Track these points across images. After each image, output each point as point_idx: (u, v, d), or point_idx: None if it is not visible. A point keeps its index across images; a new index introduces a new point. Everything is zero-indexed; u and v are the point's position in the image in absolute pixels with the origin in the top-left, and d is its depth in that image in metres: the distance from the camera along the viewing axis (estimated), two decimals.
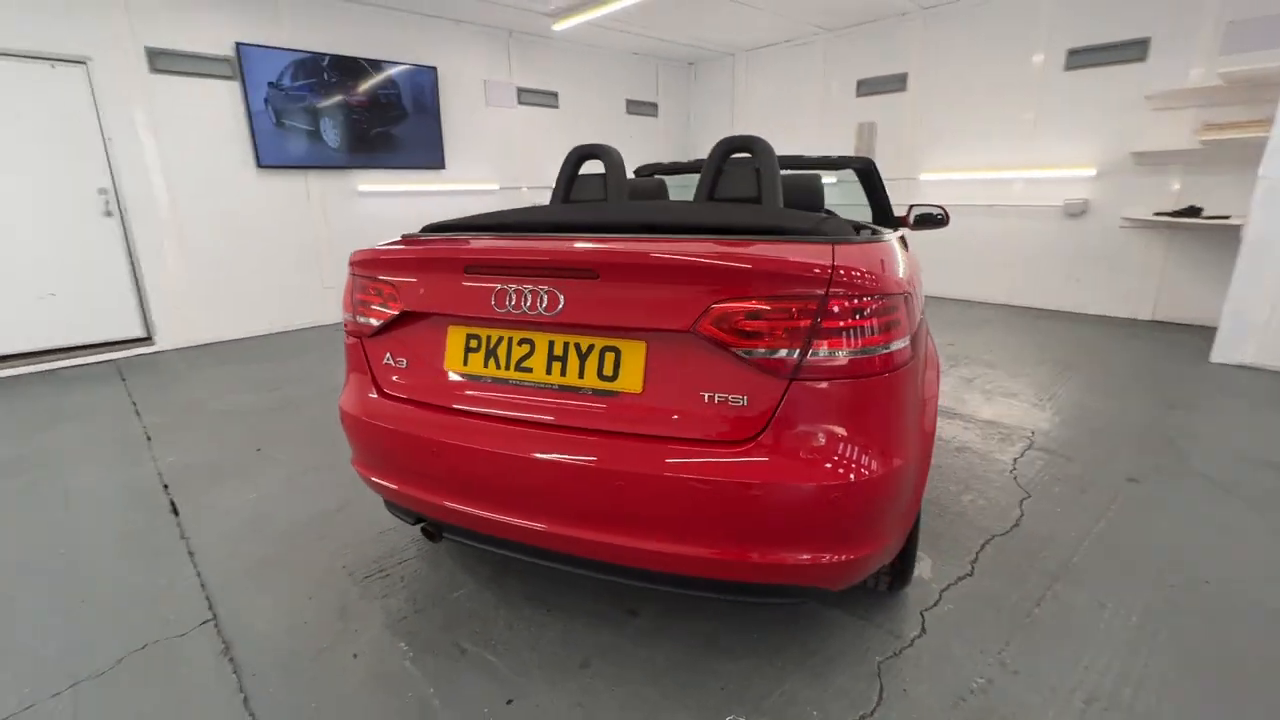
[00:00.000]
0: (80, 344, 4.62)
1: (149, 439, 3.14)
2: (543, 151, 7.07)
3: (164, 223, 4.82)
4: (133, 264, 4.75)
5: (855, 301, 1.21)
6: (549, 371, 1.38)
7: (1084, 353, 4.35)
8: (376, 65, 5.61)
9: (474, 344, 1.46)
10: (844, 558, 1.29)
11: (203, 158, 4.92)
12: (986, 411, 3.26)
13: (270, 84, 5.07)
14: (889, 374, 1.27)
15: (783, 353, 1.21)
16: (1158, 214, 5.00)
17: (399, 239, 1.69)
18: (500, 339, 1.43)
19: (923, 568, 1.94)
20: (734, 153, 2.02)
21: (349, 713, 1.45)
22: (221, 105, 4.93)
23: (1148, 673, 1.51)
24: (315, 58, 5.26)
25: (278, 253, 5.42)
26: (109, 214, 4.59)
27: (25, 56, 4.14)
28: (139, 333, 4.86)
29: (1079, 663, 1.55)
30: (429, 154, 6.14)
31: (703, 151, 8.56)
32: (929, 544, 2.07)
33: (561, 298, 1.32)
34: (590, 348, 1.34)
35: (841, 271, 1.20)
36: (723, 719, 1.41)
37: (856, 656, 1.58)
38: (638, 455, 1.28)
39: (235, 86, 4.96)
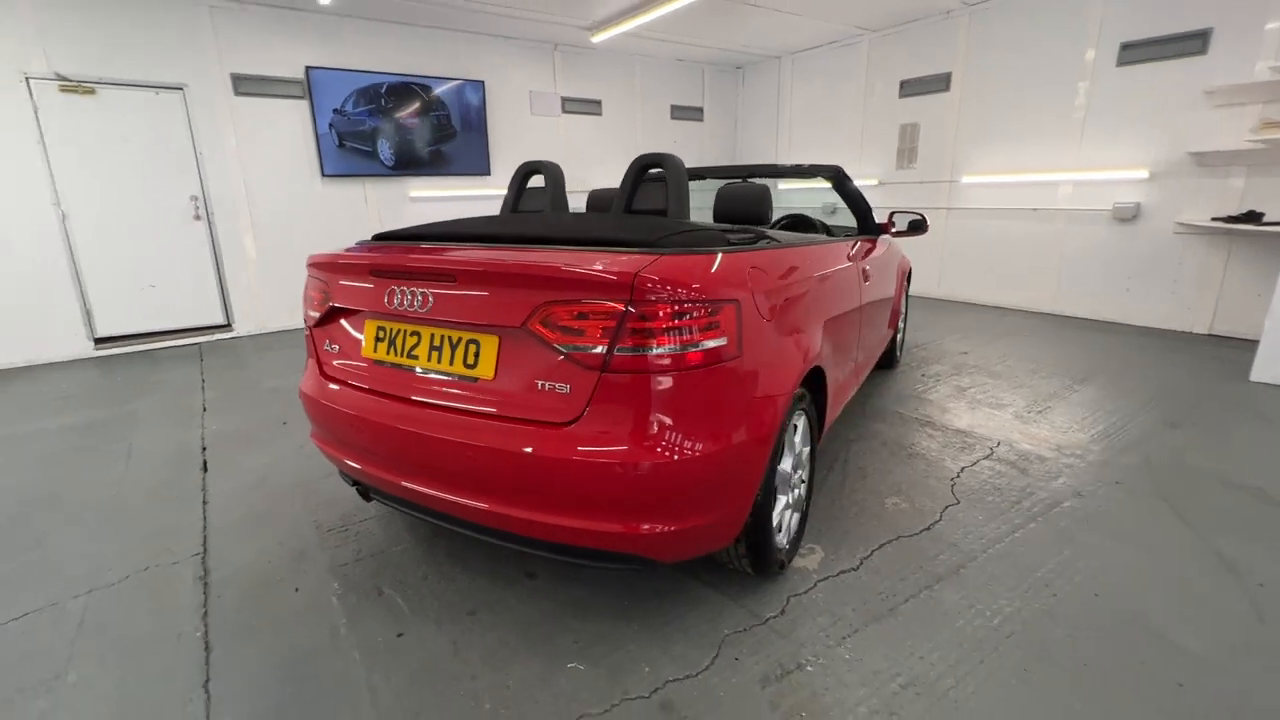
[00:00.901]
0: (172, 329, 5.41)
1: (204, 410, 3.72)
2: (585, 157, 7.41)
3: (242, 225, 5.55)
4: (217, 261, 5.51)
5: (658, 307, 1.39)
6: (429, 359, 1.65)
7: (1112, 366, 4.12)
8: (428, 89, 6.14)
9: (381, 334, 1.75)
10: (659, 529, 1.47)
11: (275, 168, 5.61)
12: (963, 421, 3.22)
13: (335, 110, 5.71)
14: (697, 370, 1.43)
15: (594, 349, 1.41)
16: (1216, 219, 4.61)
17: (354, 245, 2.03)
18: (398, 331, 1.71)
19: (811, 559, 2.05)
20: (649, 169, 2.20)
21: (277, 629, 1.79)
22: (292, 122, 5.61)
23: (980, 669, 1.57)
24: (374, 86, 5.85)
25: None
26: (198, 217, 5.35)
27: (136, 85, 4.93)
28: (220, 320, 5.63)
29: (914, 654, 1.63)
30: (475, 162, 6.63)
31: (750, 156, 8.62)
32: (832, 539, 2.16)
33: (431, 298, 1.58)
34: (459, 340, 1.59)
35: (645, 281, 1.38)
36: (564, 666, 1.62)
37: (707, 629, 1.74)
38: (488, 432, 1.52)
39: (304, 105, 5.62)
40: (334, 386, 1.87)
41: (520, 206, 2.52)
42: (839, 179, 3.01)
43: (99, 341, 5.11)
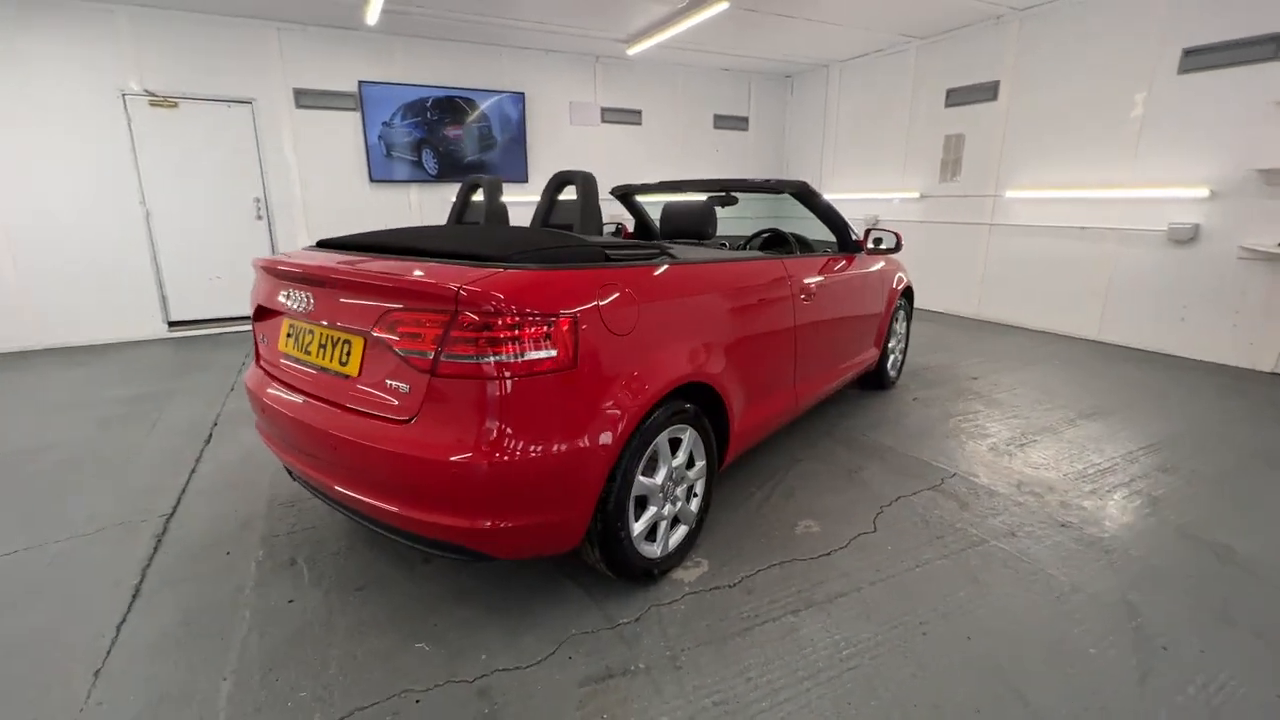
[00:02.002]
0: (235, 315, 6.05)
1: (231, 389, 4.16)
2: (622, 166, 7.57)
3: (298, 225, 6.12)
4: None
5: (481, 318, 1.49)
6: (318, 355, 1.83)
7: (1136, 402, 3.78)
8: (471, 101, 6.52)
9: (290, 331, 1.96)
10: (486, 525, 1.57)
11: (328, 174, 6.15)
12: (928, 450, 3.09)
13: (384, 123, 6.19)
14: (523, 378, 1.53)
15: (425, 354, 1.53)
16: None
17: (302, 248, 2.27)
18: (299, 328, 1.91)
19: (692, 572, 2.08)
20: (564, 186, 2.30)
21: (198, 585, 2.03)
22: (345, 132, 6.13)
23: (802, 697, 1.56)
24: (421, 99, 6.28)
25: None
26: (260, 217, 5.96)
27: (212, 100, 5.58)
28: None
29: (745, 674, 1.64)
30: (514, 170, 6.94)
31: (797, 165, 8.49)
32: (724, 555, 2.17)
33: (312, 301, 1.77)
34: (338, 340, 1.77)
35: (468, 294, 1.49)
36: (412, 645, 1.76)
37: (559, 626, 1.82)
38: (350, 424, 1.68)
39: (356, 117, 6.12)
40: (262, 375, 2.11)
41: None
42: (805, 194, 2.97)
43: (172, 325, 5.81)
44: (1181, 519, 2.43)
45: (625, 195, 3.78)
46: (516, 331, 1.51)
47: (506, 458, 1.52)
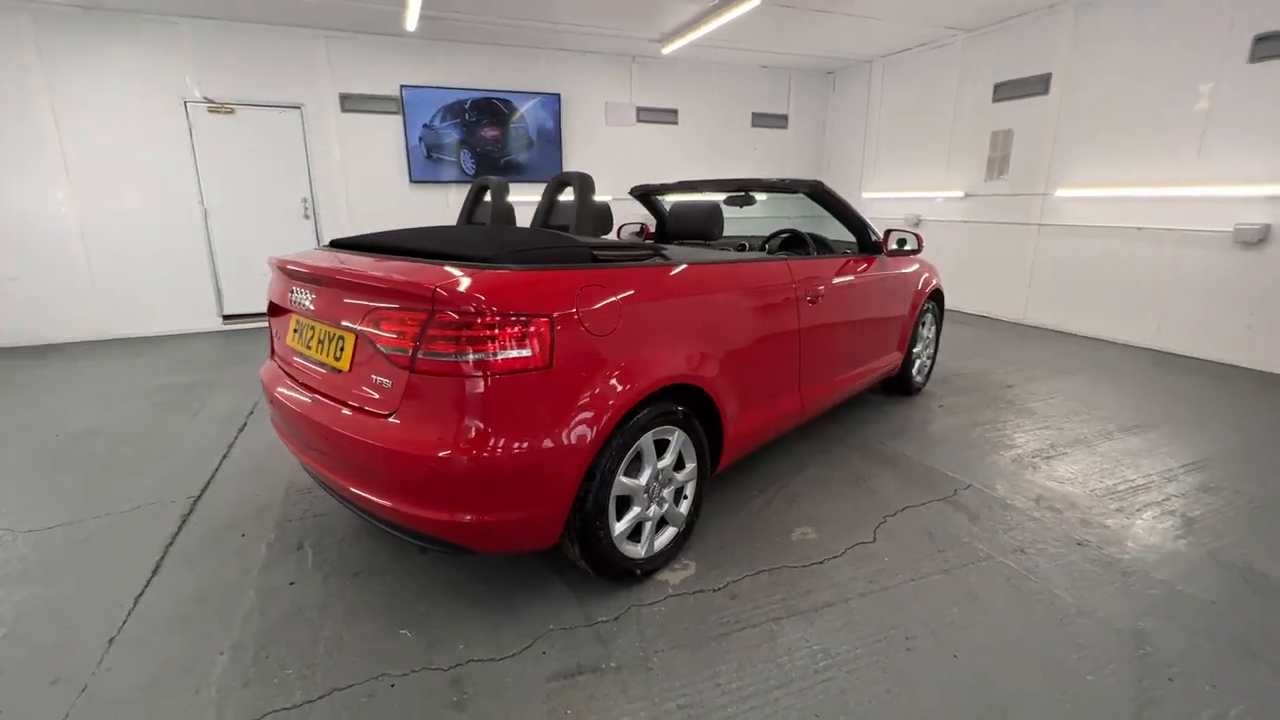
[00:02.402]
0: None
1: None
2: (658, 166, 7.57)
3: (342, 223, 6.39)
4: None
5: (458, 316, 1.53)
6: (317, 350, 1.92)
7: (1186, 416, 3.54)
8: (508, 103, 6.65)
9: (295, 326, 2.06)
10: (462, 519, 1.61)
11: (371, 175, 6.40)
12: (945, 460, 2.97)
13: (424, 125, 6.39)
14: (498, 377, 1.56)
15: (405, 351, 1.59)
16: None
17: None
18: (303, 325, 2.01)
19: (678, 574, 2.07)
20: (563, 187, 2.33)
21: (214, 564, 2.16)
22: (387, 135, 6.36)
23: (769, 705, 1.53)
24: (459, 102, 6.45)
25: None
26: (307, 217, 6.26)
27: (265, 106, 5.89)
28: None
29: (714, 680, 1.62)
30: (549, 170, 7.03)
31: (838, 164, 8.31)
32: (714, 558, 2.16)
33: (312, 298, 1.85)
34: (333, 336, 1.85)
35: (443, 293, 1.53)
36: (397, 631, 1.82)
37: (538, 621, 1.85)
38: (340, 417, 1.76)
39: (398, 120, 6.34)
40: (274, 368, 2.22)
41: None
42: (820, 194, 2.91)
43: (226, 318, 6.17)
44: (1216, 543, 2.26)
45: (644, 195, 3.78)
46: (491, 331, 1.55)
47: (479, 454, 1.56)
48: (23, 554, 2.24)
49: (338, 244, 2.38)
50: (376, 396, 1.69)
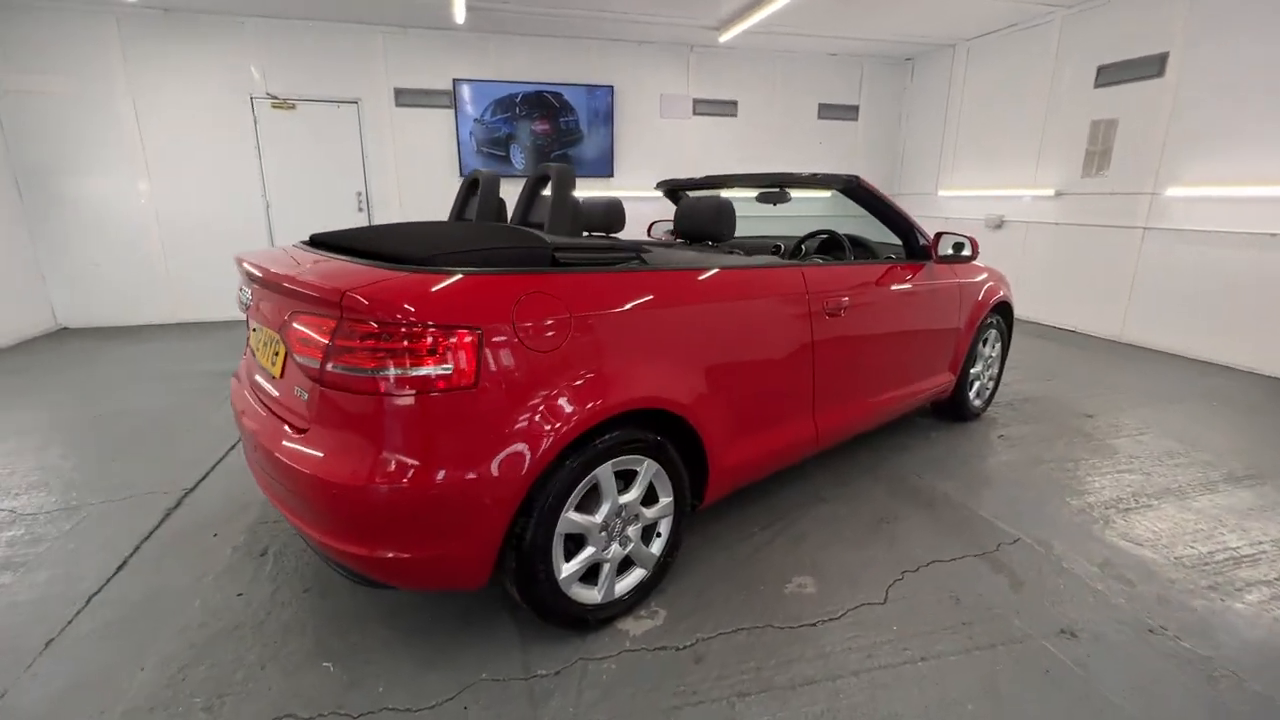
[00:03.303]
0: None
1: None
2: (714, 160, 7.23)
3: (394, 216, 6.49)
4: None
5: (364, 325, 1.35)
6: (261, 354, 1.80)
7: None
8: (559, 95, 6.52)
9: (253, 327, 1.96)
10: (368, 553, 1.43)
11: (422, 169, 6.45)
12: (995, 504, 2.53)
13: (475, 120, 6.37)
14: (411, 396, 1.36)
15: (314, 361, 1.42)
16: None
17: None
18: (255, 325, 1.90)
19: (643, 624, 1.81)
20: (542, 182, 2.10)
21: (176, 564, 2.11)
22: (439, 129, 6.39)
23: None
24: (510, 96, 6.39)
25: None
26: (360, 209, 6.40)
27: (324, 101, 6.05)
28: None
29: None
30: (599, 165, 6.88)
31: (913, 159, 7.68)
32: (688, 607, 1.88)
33: (255, 299, 1.73)
34: (271, 340, 1.72)
35: (353, 299, 1.35)
36: (320, 663, 1.67)
37: (471, 668, 1.65)
38: (269, 427, 1.63)
39: (450, 114, 6.36)
40: (241, 369, 2.14)
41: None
42: (855, 191, 2.53)
43: None
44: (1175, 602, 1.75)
45: (672, 191, 3.51)
46: (404, 343, 1.35)
47: (384, 482, 1.37)
48: (13, 538, 2.28)
49: (314, 240, 2.28)
50: (295, 411, 1.54)
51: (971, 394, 3.34)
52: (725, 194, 3.27)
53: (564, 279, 1.60)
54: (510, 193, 2.69)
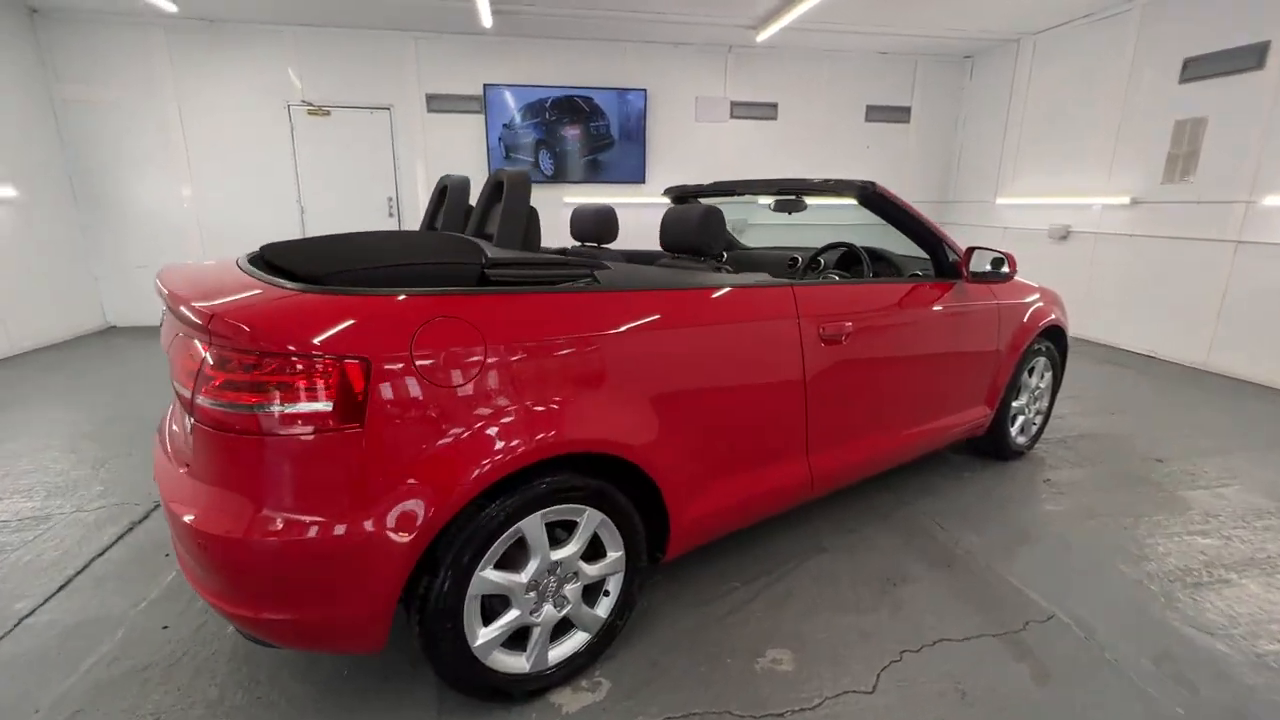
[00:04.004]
0: None
1: None
2: (752, 166, 6.92)
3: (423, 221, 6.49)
4: None
5: (231, 352, 1.17)
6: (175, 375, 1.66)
7: None
8: (589, 99, 6.36)
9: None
10: (240, 610, 1.26)
11: (453, 172, 6.41)
12: (1025, 568, 2.15)
13: (504, 125, 6.29)
14: (281, 435, 1.17)
15: (186, 391, 1.25)
16: None
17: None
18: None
19: (580, 698, 1.56)
20: (499, 189, 1.90)
21: (119, 586, 2.02)
22: (469, 135, 6.34)
23: None
24: (540, 100, 6.28)
25: None
26: (391, 215, 6.42)
27: (357, 108, 6.10)
28: None
29: None
30: (631, 171, 6.68)
31: (970, 163, 7.14)
32: (638, 681, 1.62)
33: (162, 318, 1.60)
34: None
35: (220, 323, 1.18)
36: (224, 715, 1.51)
37: None
38: (164, 463, 1.48)
39: (480, 119, 6.31)
40: None
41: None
42: (871, 199, 2.21)
43: None
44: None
45: (681, 199, 3.26)
46: (274, 375, 1.16)
47: (248, 535, 1.18)
48: None
49: (266, 250, 2.12)
50: (177, 447, 1.39)
51: (1013, 430, 2.93)
52: (731, 202, 3.01)
53: (485, 301, 1.38)
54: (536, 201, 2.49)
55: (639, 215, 6.70)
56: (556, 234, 6.10)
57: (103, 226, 5.90)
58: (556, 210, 6.60)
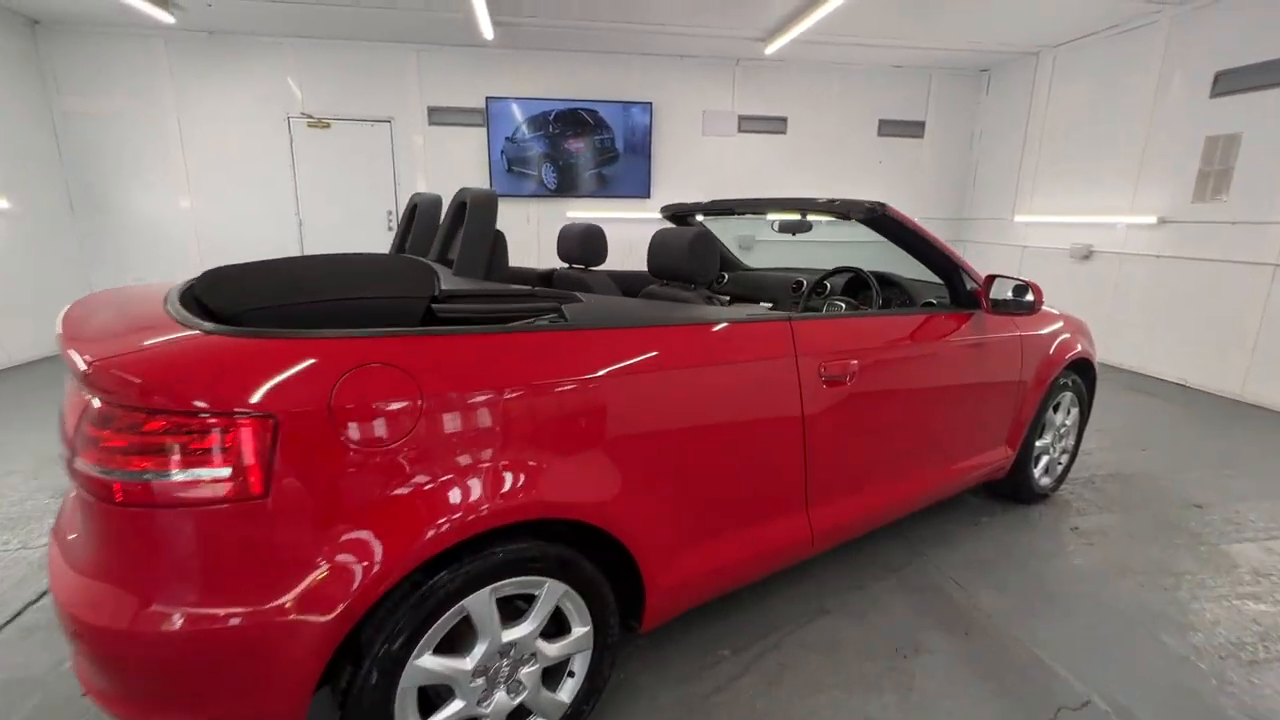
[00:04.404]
0: None
1: None
2: (761, 181, 6.75)
3: None
4: None
5: (114, 409, 0.99)
6: None
7: None
8: (594, 112, 6.23)
9: None
10: (121, 711, 1.07)
11: (452, 187, 6.27)
12: (1055, 638, 1.91)
13: (507, 138, 6.17)
14: (168, 508, 0.99)
15: (69, 450, 1.07)
16: None
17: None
18: None
19: None
20: (464, 208, 1.72)
21: (52, 636, 1.84)
22: (470, 148, 6.23)
23: None
24: (544, 113, 6.15)
25: None
26: (390, 228, 6.30)
27: (358, 120, 6.01)
28: None
29: None
30: (635, 185, 6.53)
31: (986, 180, 6.91)
32: None
33: None
34: None
35: (103, 375, 1.00)
36: None
37: None
38: (58, 527, 1.29)
39: (482, 132, 6.19)
40: None
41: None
42: (880, 221, 2.00)
43: None
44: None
45: (676, 217, 3.08)
46: (163, 436, 0.98)
47: (128, 625, 1.00)
48: None
49: (198, 280, 1.86)
50: (65, 513, 1.21)
51: (1037, 471, 2.69)
52: (729, 220, 2.82)
53: (425, 344, 1.19)
54: (532, 214, 2.32)
55: (645, 231, 6.54)
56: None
57: (102, 236, 5.83)
58: (559, 225, 6.45)
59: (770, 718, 1.58)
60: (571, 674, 1.43)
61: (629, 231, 6.47)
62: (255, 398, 1.01)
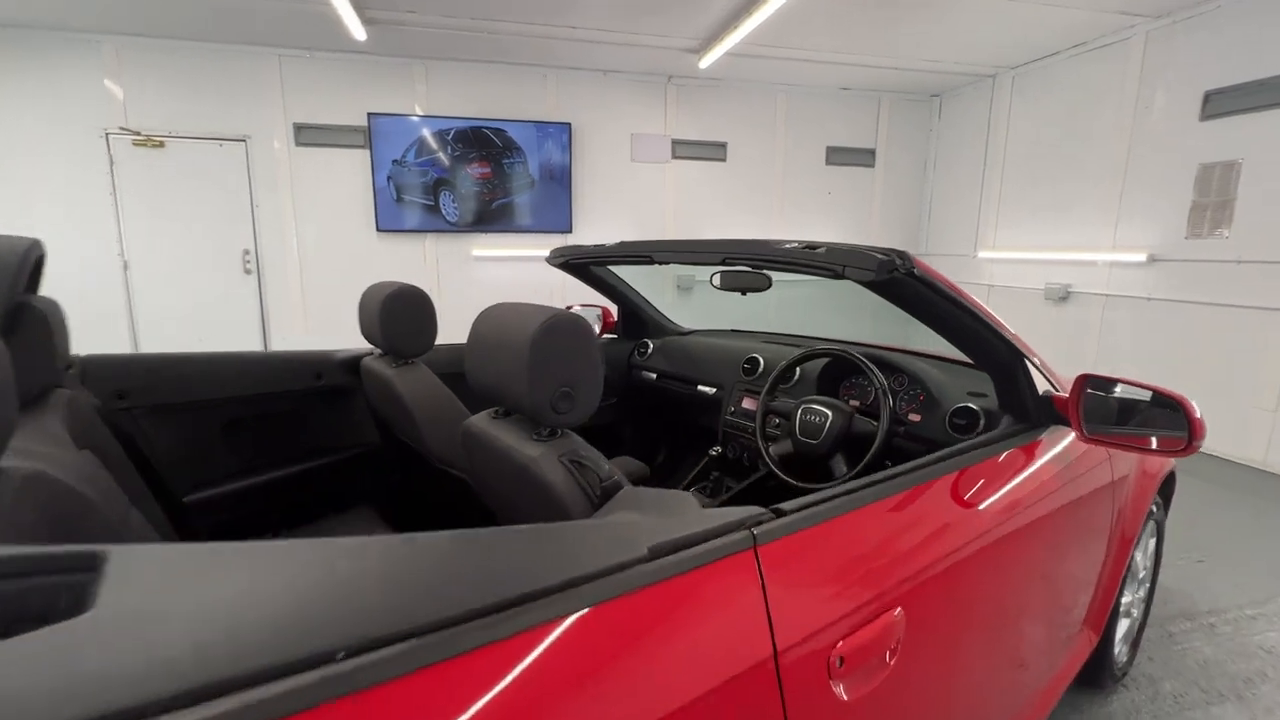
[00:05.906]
0: None
1: None
2: (697, 214, 5.93)
3: (291, 281, 5.18)
4: (263, 317, 5.20)
5: None
6: None
7: None
8: (502, 133, 5.27)
9: None
10: None
11: (329, 222, 5.18)
12: None
13: (394, 161, 5.12)
14: None
15: None
16: None
17: None
18: None
19: None
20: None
21: None
22: (351, 173, 5.14)
23: None
24: (440, 132, 5.15)
25: None
26: (249, 271, 5.10)
27: (203, 138, 4.84)
28: None
29: None
30: (555, 218, 5.57)
31: (942, 212, 6.32)
32: None
33: None
34: None
35: None
36: None
37: None
38: None
39: (365, 155, 5.12)
40: None
41: None
42: (899, 283, 1.08)
43: None
44: None
45: (568, 265, 2.12)
46: None
47: None
48: None
49: None
50: None
51: (1117, 638, 1.79)
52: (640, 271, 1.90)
53: None
54: (428, 252, 1.27)
55: (566, 276, 5.57)
56: (465, 300, 4.79)
57: None
58: (462, 267, 5.41)
59: None
60: None
61: (548, 276, 5.49)
62: None
